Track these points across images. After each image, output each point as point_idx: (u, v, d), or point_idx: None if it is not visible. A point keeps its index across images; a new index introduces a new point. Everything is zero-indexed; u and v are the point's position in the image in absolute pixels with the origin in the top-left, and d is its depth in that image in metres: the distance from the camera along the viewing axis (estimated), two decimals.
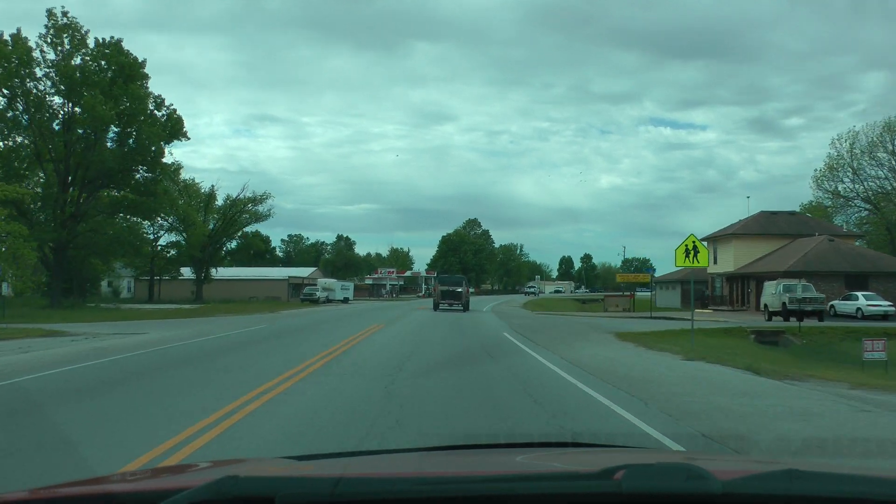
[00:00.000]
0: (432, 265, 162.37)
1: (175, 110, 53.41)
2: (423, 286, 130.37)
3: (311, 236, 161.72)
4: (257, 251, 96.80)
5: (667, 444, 7.93)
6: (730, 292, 54.90)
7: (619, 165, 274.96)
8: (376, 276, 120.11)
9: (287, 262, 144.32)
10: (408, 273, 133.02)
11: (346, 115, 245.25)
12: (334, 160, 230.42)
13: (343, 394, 11.25)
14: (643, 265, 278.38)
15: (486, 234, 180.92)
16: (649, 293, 69.12)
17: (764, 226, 54.01)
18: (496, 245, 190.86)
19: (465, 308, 46.13)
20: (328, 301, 77.99)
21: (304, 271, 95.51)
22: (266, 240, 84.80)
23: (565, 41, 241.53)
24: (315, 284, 79.88)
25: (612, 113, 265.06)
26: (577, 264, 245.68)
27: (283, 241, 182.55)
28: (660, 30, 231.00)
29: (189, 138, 54.97)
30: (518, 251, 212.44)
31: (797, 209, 64.06)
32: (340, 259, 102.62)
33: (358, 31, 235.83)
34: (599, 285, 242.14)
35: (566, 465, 2.67)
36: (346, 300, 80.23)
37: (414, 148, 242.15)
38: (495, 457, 2.96)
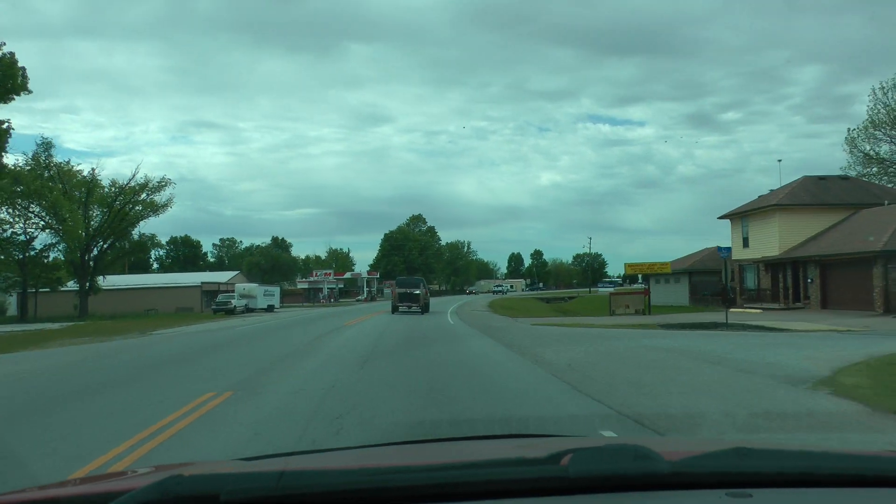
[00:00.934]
0: (375, 265, 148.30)
1: (12, 54, 38.29)
2: (365, 288, 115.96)
3: (248, 241, 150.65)
4: (176, 256, 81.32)
5: None
6: (772, 284, 42.05)
7: (558, 163, 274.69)
8: (312, 278, 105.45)
9: (220, 267, 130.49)
10: (347, 275, 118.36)
11: (282, 120, 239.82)
12: (272, 165, 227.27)
13: None
14: (595, 260, 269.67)
15: (431, 230, 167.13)
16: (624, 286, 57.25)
17: (815, 194, 40.44)
18: (442, 243, 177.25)
19: (425, 310, 45.16)
20: (248, 310, 63.44)
21: (221, 276, 79.95)
22: (155, 243, 68.30)
23: (501, 40, 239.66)
24: (233, 290, 65.23)
25: (549, 110, 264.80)
26: (528, 261, 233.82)
27: (214, 245, 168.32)
28: (596, 27, 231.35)
29: (30, 91, 39.66)
30: (465, 248, 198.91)
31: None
32: (267, 261, 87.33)
33: (290, 33, 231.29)
34: (551, 282, 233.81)
35: (515, 452, 2.48)
36: (270, 308, 65.82)
37: (352, 150, 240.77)
38: (442, 448, 2.90)
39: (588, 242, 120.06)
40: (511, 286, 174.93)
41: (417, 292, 45.06)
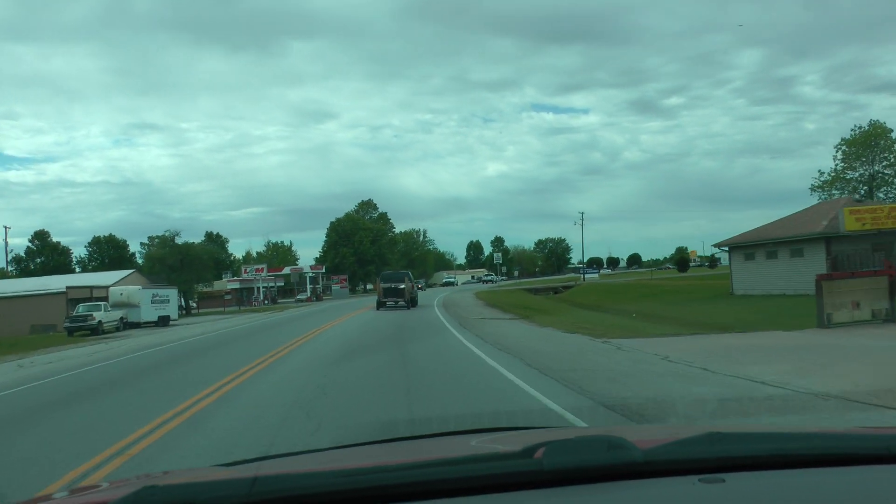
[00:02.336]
0: (322, 258, 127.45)
1: None
2: (308, 286, 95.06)
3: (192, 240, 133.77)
4: None
5: None
6: None
7: (504, 153, 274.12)
8: (244, 276, 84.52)
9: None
10: (286, 270, 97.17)
11: (225, 119, 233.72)
12: (217, 165, 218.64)
13: None
14: (558, 245, 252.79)
15: (384, 217, 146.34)
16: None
17: None
18: (396, 231, 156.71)
19: (412, 304, 43.04)
20: (127, 326, 42.71)
21: (105, 277, 57.87)
22: None
23: (441, 31, 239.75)
24: (109, 298, 44.40)
25: (493, 101, 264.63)
26: (487, 249, 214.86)
27: (143, 244, 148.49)
28: (535, 15, 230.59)
29: None
30: (421, 237, 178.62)
31: None
32: (173, 255, 65.85)
33: (230, 31, 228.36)
34: (517, 271, 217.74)
35: (488, 448, 2.57)
36: (163, 321, 45.16)
37: (297, 148, 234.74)
38: (417, 446, 2.90)
39: (580, 220, 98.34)
40: (491, 276, 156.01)
41: (403, 286, 43.43)
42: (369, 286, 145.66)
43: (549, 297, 60.72)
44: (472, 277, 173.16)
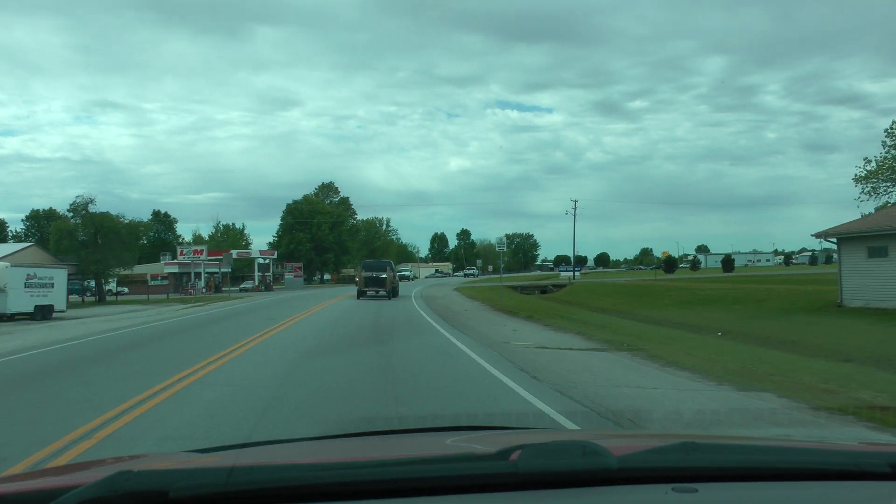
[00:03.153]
0: (277, 244, 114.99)
1: None
2: (257, 273, 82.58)
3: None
4: None
5: None
6: None
7: (467, 148, 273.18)
8: (180, 259, 71.93)
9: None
10: (232, 253, 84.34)
11: (188, 102, 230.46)
12: (179, 148, 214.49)
13: None
14: (525, 241, 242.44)
15: (345, 203, 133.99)
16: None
17: None
18: (358, 220, 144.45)
19: (393, 295, 42.32)
20: None
21: None
22: None
23: (410, 24, 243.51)
24: None
25: (458, 96, 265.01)
26: (452, 242, 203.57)
27: (24, 219, 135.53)
28: (504, 12, 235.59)
29: None
30: (384, 227, 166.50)
31: None
32: (86, 228, 53.03)
33: (197, 13, 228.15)
34: (480, 266, 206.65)
35: (464, 447, 2.54)
36: (44, 311, 32.63)
37: (260, 135, 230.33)
38: (394, 442, 2.91)
39: (573, 206, 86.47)
40: (473, 270, 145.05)
41: (384, 276, 41.74)
42: (326, 276, 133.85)
43: (545, 299, 49.78)
44: (437, 271, 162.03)
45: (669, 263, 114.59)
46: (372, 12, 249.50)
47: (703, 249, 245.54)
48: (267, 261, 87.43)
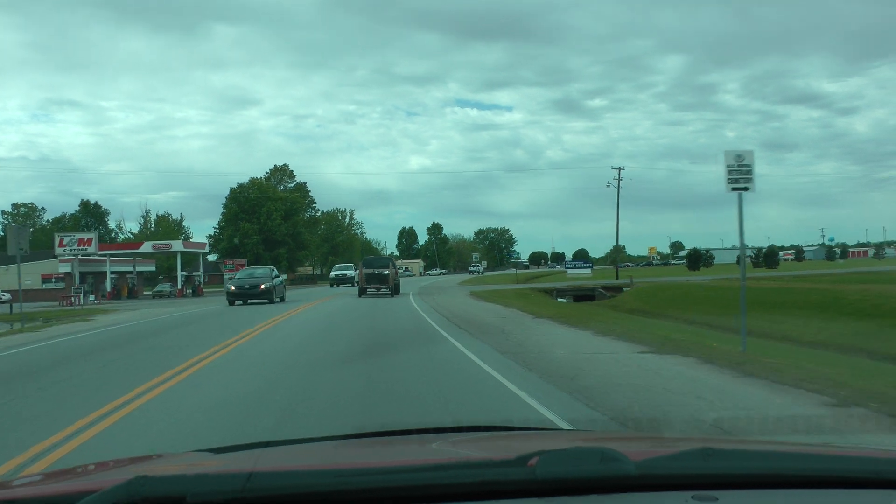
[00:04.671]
0: (219, 236, 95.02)
1: None
2: (180, 273, 62.38)
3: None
4: None
5: None
6: None
7: (427, 147, 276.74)
8: (59, 252, 52.04)
9: None
10: (146, 247, 63.91)
11: (146, 100, 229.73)
12: (137, 147, 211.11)
13: None
14: (501, 237, 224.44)
15: (301, 189, 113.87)
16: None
17: None
18: (318, 211, 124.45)
19: (395, 292, 40.61)
20: None
21: None
22: None
23: (367, 23, 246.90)
24: None
25: (417, 95, 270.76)
26: (423, 237, 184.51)
27: (4, 213, 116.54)
28: (460, 10, 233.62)
29: None
30: (346, 219, 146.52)
31: None
32: None
33: (153, 10, 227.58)
34: (452, 264, 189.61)
35: (482, 451, 2.57)
36: None
37: (219, 133, 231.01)
38: (410, 445, 2.88)
39: (617, 175, 66.37)
40: (478, 267, 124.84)
41: (386, 273, 40.58)
42: (284, 275, 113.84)
43: (618, 311, 30.89)
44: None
45: (770, 256, 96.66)
46: (329, 11, 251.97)
47: (678, 246, 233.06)
48: (195, 255, 67.37)
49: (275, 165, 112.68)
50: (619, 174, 69.29)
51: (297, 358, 12.98)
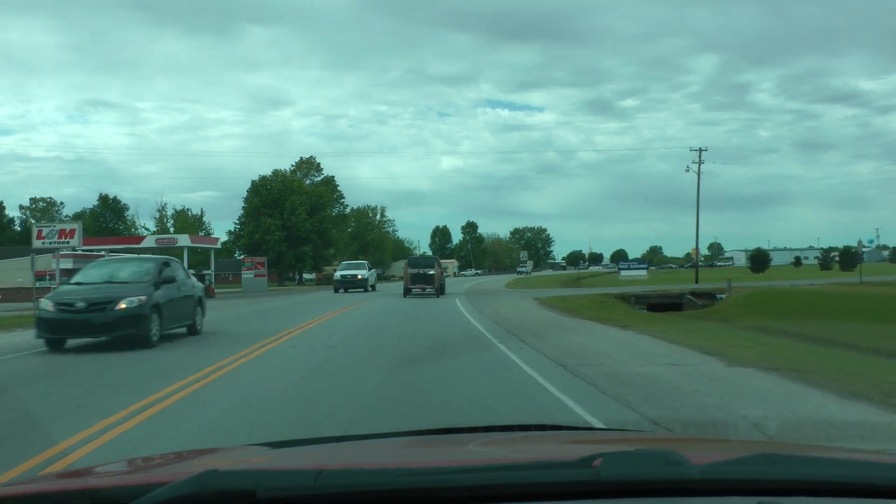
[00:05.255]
0: (240, 232, 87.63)
1: None
2: (184, 268, 55.05)
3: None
4: None
5: None
6: None
7: (459, 147, 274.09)
8: (38, 243, 44.95)
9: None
10: (148, 241, 55.94)
11: (181, 101, 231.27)
12: (172, 147, 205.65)
13: None
14: (537, 236, 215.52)
15: (329, 183, 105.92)
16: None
17: None
18: (347, 207, 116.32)
19: (440, 292, 39.61)
20: None
21: None
22: None
23: (399, 24, 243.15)
24: None
25: (449, 95, 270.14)
26: (457, 236, 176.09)
27: (23, 207, 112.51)
28: (493, 11, 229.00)
29: None
30: (378, 217, 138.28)
31: None
32: None
33: (188, 13, 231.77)
34: (487, 264, 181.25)
35: (540, 452, 2.57)
36: None
37: (252, 134, 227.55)
38: (474, 444, 2.80)
39: (697, 159, 56.80)
40: (526, 268, 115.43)
41: (432, 272, 39.79)
42: (308, 276, 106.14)
43: (734, 325, 22.00)
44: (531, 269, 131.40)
45: (849, 258, 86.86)
46: (362, 11, 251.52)
47: (716, 248, 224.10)
48: (205, 251, 59.55)
49: (301, 158, 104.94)
50: (700, 156, 59.91)
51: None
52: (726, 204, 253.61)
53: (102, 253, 53.37)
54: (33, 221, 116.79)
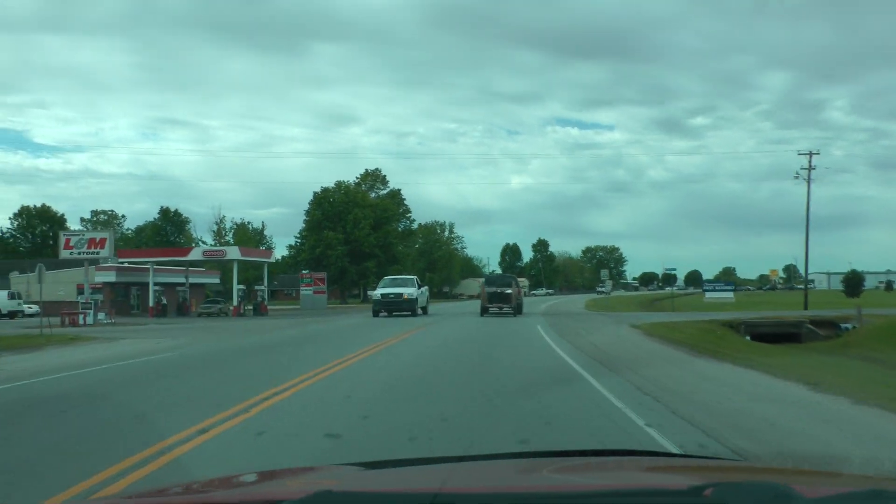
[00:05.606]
0: (300, 246, 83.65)
1: None
2: (236, 287, 49.78)
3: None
4: None
5: None
6: None
7: (528, 166, 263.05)
8: (65, 254, 40.64)
9: None
10: (194, 253, 51.64)
11: (250, 119, 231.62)
12: (242, 164, 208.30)
13: None
14: (610, 256, 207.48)
15: (395, 196, 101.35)
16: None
17: None
18: (414, 222, 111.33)
19: (517, 312, 38.65)
20: None
21: None
22: None
23: (467, 42, 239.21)
24: None
25: (518, 113, 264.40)
26: (527, 254, 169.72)
27: (83, 220, 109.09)
28: (561, 29, 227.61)
29: None
30: (446, 233, 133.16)
31: None
32: None
33: (257, 32, 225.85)
34: (559, 283, 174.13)
35: (648, 479, 2.49)
36: None
37: (321, 151, 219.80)
38: (574, 470, 2.73)
39: (807, 164, 49.75)
40: (605, 287, 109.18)
41: (509, 291, 38.99)
42: (370, 291, 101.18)
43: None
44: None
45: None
46: (429, 29, 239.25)
47: (791, 269, 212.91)
48: (258, 265, 54.98)
49: (366, 170, 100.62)
50: (810, 160, 52.96)
51: None
52: (799, 225, 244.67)
53: (143, 266, 49.60)
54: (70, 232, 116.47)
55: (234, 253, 47.42)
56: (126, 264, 50.69)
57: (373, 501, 1.72)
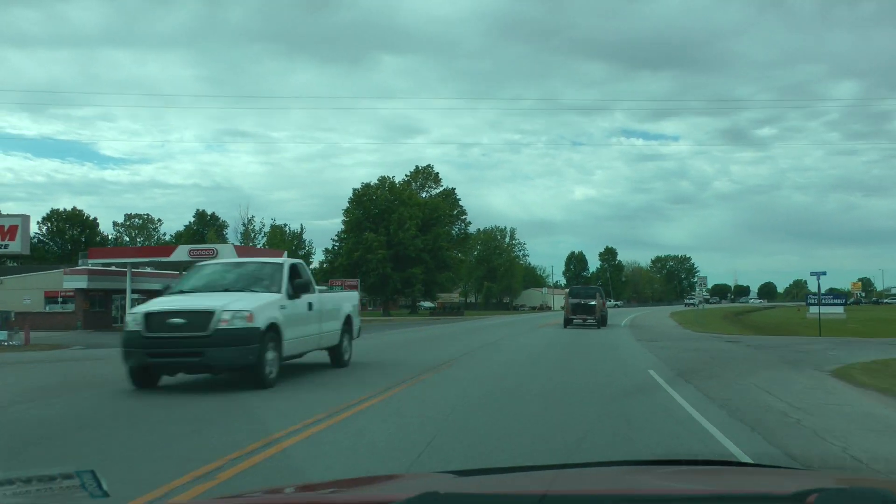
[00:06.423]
0: (338, 249, 72.93)
1: None
2: None
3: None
4: None
5: None
6: None
7: (592, 177, 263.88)
8: (82, 263, 30.93)
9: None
10: (179, 253, 41.11)
11: (315, 130, 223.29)
12: (306, 175, 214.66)
13: None
14: (680, 266, 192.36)
15: (449, 196, 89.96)
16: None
17: None
18: (471, 226, 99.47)
19: (602, 324, 39.22)
20: None
21: None
22: None
23: (532, 53, 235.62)
24: None
25: (582, 124, 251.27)
26: (594, 264, 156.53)
27: (116, 224, 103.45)
28: (626, 40, 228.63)
29: None
30: (507, 239, 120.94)
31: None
32: None
33: (322, 44, 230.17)
34: (627, 295, 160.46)
35: (747, 484, 2.43)
36: None
37: (385, 161, 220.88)
38: (677, 476, 2.68)
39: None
40: (694, 300, 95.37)
41: (594, 303, 38.87)
42: (426, 303, 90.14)
43: None
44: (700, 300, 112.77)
45: None
46: (494, 40, 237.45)
47: (867, 283, 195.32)
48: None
49: (417, 167, 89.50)
50: None
51: None
52: (869, 238, 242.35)
53: (122, 269, 39.37)
54: (130, 235, 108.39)
55: (227, 252, 36.47)
56: (100, 267, 40.32)
57: (477, 501, 1.70)
